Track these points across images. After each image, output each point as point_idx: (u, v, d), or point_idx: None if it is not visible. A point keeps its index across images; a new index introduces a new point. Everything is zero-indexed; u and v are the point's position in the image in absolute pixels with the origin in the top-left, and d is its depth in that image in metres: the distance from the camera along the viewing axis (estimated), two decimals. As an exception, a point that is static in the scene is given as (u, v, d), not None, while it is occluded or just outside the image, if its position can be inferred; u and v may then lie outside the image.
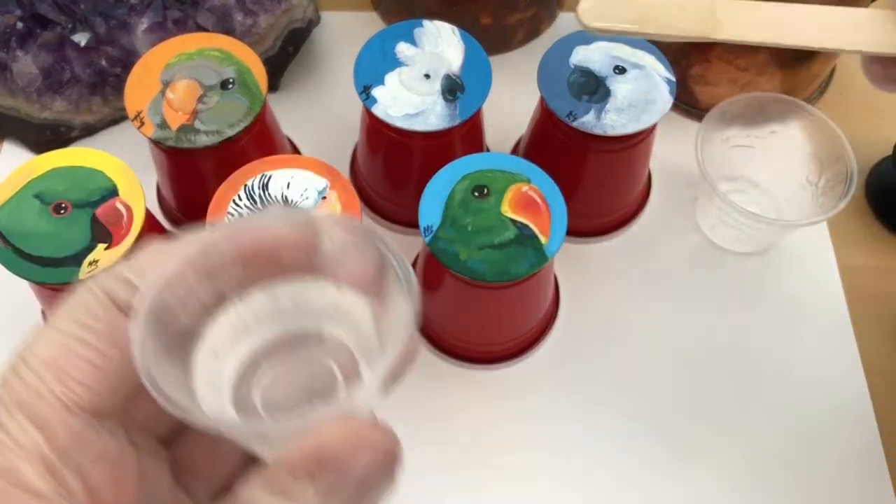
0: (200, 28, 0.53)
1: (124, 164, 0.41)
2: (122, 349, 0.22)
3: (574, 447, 0.46)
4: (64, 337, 0.23)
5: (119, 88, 0.54)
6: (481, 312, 0.44)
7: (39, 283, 0.39)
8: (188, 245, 0.24)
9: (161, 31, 0.53)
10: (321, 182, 0.41)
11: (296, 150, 0.55)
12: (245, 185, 0.40)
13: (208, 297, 0.24)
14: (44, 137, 0.54)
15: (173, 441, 0.25)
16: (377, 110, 0.44)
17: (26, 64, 0.52)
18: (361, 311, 0.25)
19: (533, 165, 0.42)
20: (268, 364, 0.26)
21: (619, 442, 0.46)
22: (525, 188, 0.41)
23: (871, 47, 0.32)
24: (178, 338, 0.24)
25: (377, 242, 0.23)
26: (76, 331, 0.23)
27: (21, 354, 0.23)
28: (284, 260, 0.25)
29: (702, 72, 0.55)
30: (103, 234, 0.40)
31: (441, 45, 0.46)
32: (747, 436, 0.46)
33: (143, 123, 0.43)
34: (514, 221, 0.40)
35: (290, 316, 0.27)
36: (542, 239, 0.40)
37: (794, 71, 0.54)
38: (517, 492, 0.44)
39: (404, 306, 0.22)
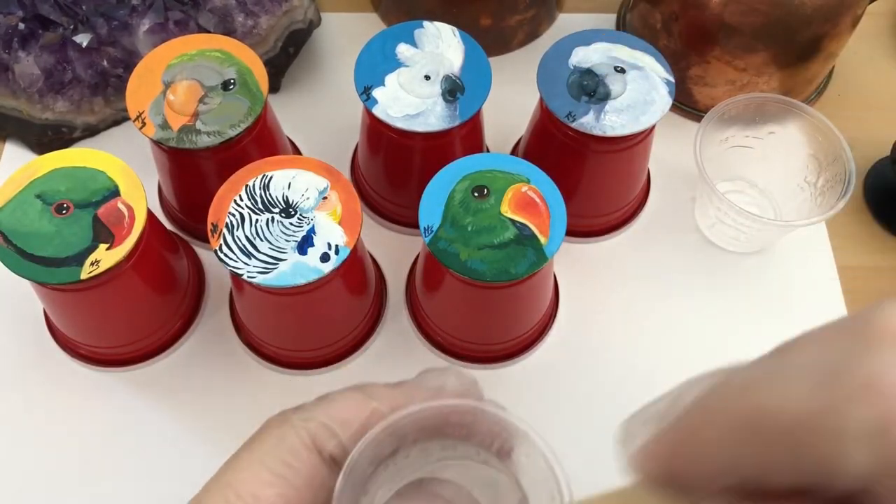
0: (202, 29, 0.53)
1: (126, 165, 0.42)
2: (315, 492, 0.25)
3: (573, 447, 0.46)
4: (269, 473, 0.25)
5: (120, 89, 0.55)
6: (481, 312, 0.45)
7: (41, 283, 0.39)
8: (384, 406, 0.27)
9: (162, 32, 0.53)
10: (322, 182, 0.41)
11: (297, 151, 0.55)
12: (246, 186, 0.40)
13: (387, 453, 0.28)
14: (45, 138, 0.54)
15: None
16: (377, 111, 0.44)
17: (28, 65, 0.52)
18: (504, 476, 0.30)
19: (532, 166, 0.42)
20: None
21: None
22: (525, 188, 0.41)
23: None
24: (356, 488, 0.27)
25: (520, 424, 0.28)
26: (279, 468, 0.26)
27: (227, 481, 0.26)
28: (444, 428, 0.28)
29: (700, 73, 0.55)
30: (105, 234, 0.40)
31: (441, 46, 0.46)
32: (746, 435, 0.47)
33: (144, 124, 0.43)
34: (513, 221, 0.40)
35: (433, 469, 0.31)
36: (542, 239, 0.40)
37: (793, 72, 0.54)
38: (517, 491, 0.45)
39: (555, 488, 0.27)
